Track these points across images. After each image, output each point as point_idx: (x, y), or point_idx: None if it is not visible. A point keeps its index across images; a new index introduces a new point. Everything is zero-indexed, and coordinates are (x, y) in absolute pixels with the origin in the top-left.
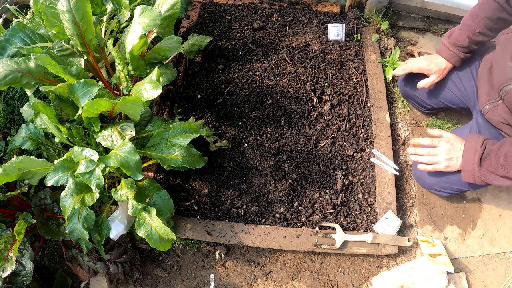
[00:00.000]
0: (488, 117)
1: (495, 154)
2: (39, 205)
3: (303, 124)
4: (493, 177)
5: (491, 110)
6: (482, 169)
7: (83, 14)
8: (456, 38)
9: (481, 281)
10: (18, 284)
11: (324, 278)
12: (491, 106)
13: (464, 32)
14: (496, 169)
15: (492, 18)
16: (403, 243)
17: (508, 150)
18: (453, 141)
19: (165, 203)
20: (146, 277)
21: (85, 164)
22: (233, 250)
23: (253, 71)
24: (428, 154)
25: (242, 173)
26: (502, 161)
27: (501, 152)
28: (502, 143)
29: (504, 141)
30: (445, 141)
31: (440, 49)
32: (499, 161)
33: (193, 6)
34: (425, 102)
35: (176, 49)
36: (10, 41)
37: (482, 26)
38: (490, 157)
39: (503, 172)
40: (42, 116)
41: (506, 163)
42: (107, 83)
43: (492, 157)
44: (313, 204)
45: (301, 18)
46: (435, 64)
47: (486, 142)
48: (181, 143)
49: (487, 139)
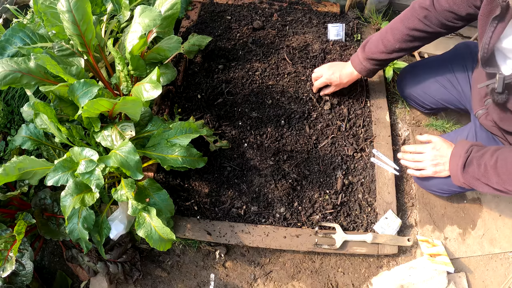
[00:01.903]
0: (481, 122)
1: (477, 161)
2: (39, 205)
3: (303, 124)
4: (477, 183)
5: (483, 116)
6: (466, 175)
7: (83, 14)
8: (371, 50)
9: (481, 281)
10: (18, 284)
11: (324, 278)
12: (483, 112)
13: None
14: (478, 176)
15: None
16: (403, 243)
17: (488, 159)
18: (440, 146)
19: (165, 203)
20: (146, 277)
21: (85, 164)
22: (233, 250)
23: (253, 71)
24: (413, 160)
25: (242, 173)
26: (483, 169)
27: (482, 161)
28: (485, 152)
29: (487, 150)
30: (431, 147)
31: (352, 59)
32: (480, 169)
33: (193, 6)
34: (424, 102)
35: (176, 49)
36: (10, 41)
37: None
38: (473, 164)
39: (485, 180)
40: (42, 116)
41: (486, 172)
42: (107, 83)
43: (475, 164)
44: (313, 204)
45: (301, 18)
46: (338, 73)
47: (472, 148)
48: (181, 143)
49: (474, 146)
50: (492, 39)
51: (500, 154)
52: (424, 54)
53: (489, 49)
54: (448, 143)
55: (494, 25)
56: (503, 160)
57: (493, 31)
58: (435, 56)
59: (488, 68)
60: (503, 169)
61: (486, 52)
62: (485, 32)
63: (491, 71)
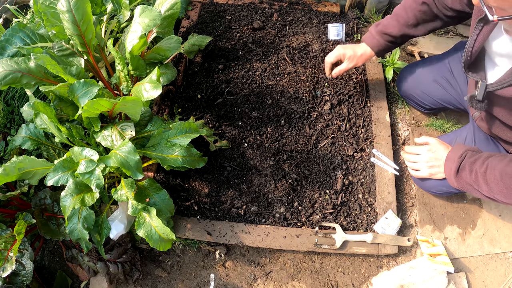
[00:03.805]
0: (477, 123)
1: (469, 167)
2: (39, 205)
3: (303, 124)
4: (470, 188)
5: (479, 118)
6: (459, 179)
7: (83, 14)
8: (385, 25)
9: (481, 281)
10: (18, 284)
11: (324, 278)
12: (479, 115)
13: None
14: (471, 182)
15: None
16: (403, 243)
17: (478, 166)
18: (436, 149)
19: (165, 203)
20: (146, 277)
21: (85, 164)
22: (233, 250)
23: (253, 71)
24: (409, 160)
25: (242, 173)
26: (474, 176)
27: (474, 167)
28: (477, 158)
29: (479, 157)
30: (426, 149)
31: (364, 36)
32: (471, 175)
33: (193, 6)
34: (423, 102)
35: (176, 49)
36: (10, 41)
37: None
38: (465, 170)
39: (476, 186)
40: (42, 116)
41: (476, 179)
42: (107, 83)
43: (467, 170)
44: (313, 204)
45: (301, 18)
46: (350, 48)
47: (466, 153)
48: (181, 143)
49: (469, 151)
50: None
51: (490, 162)
52: (424, 54)
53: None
54: (444, 145)
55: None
56: (492, 169)
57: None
58: (435, 56)
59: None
60: (491, 178)
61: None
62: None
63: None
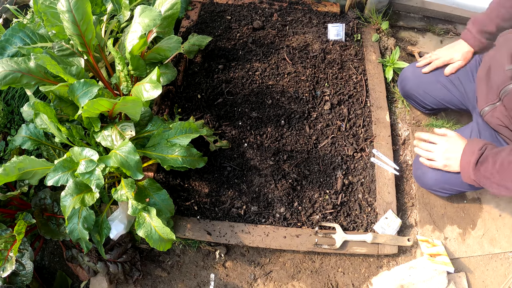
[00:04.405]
0: (487, 119)
1: (493, 158)
2: (39, 205)
3: (303, 124)
4: (488, 183)
5: (489, 113)
6: (478, 172)
7: (83, 14)
8: (483, 23)
9: (481, 281)
10: (18, 284)
11: (324, 278)
12: (490, 108)
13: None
14: (491, 175)
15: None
16: (403, 243)
17: (504, 157)
18: (454, 141)
19: (165, 203)
20: (146, 277)
21: (85, 164)
22: (233, 250)
23: (253, 71)
24: (425, 149)
25: (242, 173)
26: (498, 167)
27: (498, 158)
28: (501, 150)
29: (504, 148)
30: (445, 140)
31: (464, 36)
32: (495, 166)
33: (193, 6)
34: (425, 102)
35: (176, 49)
36: (10, 41)
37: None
38: (487, 161)
39: (498, 178)
40: (42, 116)
41: (501, 169)
42: (107, 83)
43: (490, 161)
44: (313, 204)
45: (301, 18)
46: (458, 51)
47: (486, 146)
48: (181, 143)
49: (488, 144)
50: None
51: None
52: (424, 54)
53: None
54: (463, 139)
55: None
56: None
57: None
58: None
59: None
60: None
61: None
62: None
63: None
